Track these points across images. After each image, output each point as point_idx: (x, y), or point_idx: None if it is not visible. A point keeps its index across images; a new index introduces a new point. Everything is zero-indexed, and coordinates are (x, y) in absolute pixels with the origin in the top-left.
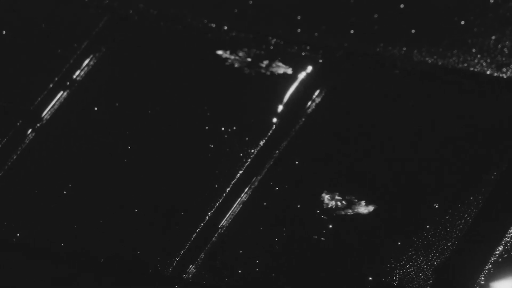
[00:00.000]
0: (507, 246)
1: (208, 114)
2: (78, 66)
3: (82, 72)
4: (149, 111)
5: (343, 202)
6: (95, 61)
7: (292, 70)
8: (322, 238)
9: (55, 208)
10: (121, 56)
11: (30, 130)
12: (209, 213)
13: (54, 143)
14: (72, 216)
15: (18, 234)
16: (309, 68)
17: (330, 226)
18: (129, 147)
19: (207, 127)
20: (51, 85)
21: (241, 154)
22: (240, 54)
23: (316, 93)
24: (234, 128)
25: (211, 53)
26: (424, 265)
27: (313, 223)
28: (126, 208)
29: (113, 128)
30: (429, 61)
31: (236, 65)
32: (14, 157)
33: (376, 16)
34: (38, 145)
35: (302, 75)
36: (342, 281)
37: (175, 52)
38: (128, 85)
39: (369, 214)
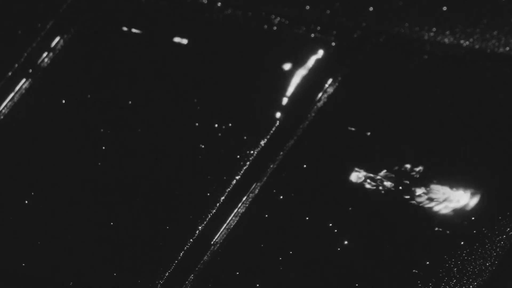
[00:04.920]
0: None
1: (199, 108)
2: (42, 50)
3: (47, 58)
4: (128, 105)
5: (361, 213)
6: (62, 44)
7: (300, 55)
8: (336, 257)
9: (13, 222)
10: (94, 38)
11: None
12: (200, 227)
13: (14, 143)
14: (34, 232)
15: None
16: (320, 53)
17: (345, 242)
18: (104, 147)
19: (197, 124)
20: (10, 73)
21: (238, 156)
22: (237, 35)
23: (329, 82)
24: (230, 125)
25: (201, 34)
26: None
27: (325, 238)
28: (99, 221)
29: (85, 124)
30: (464, 44)
31: (232, 49)
32: None
33: None
34: None
35: (311, 61)
36: None
37: (159, 33)
38: (102, 72)
39: (391, 227)
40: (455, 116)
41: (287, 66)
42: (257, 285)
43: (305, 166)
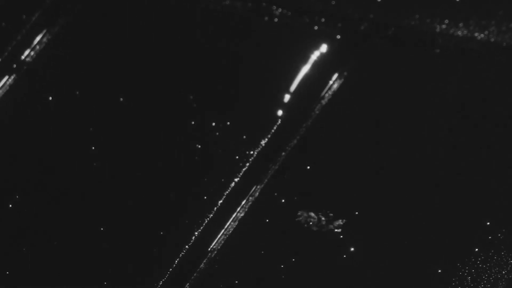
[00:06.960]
0: None
1: (195, 105)
2: (27, 44)
3: (33, 52)
4: (119, 101)
5: (368, 217)
6: (49, 37)
7: (303, 48)
8: (342, 265)
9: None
10: (82, 31)
11: None
12: (196, 233)
13: None
14: (24, 236)
15: None
16: (324, 47)
17: (352, 249)
18: (93, 148)
19: (193, 122)
20: None
21: (237, 157)
22: (236, 27)
23: (333, 78)
24: (228, 123)
25: (198, 26)
26: None
27: (330, 244)
28: (89, 228)
29: (72, 123)
30: (478, 37)
31: (230, 42)
32: None
33: None
34: None
35: (315, 56)
36: None
37: (151, 25)
38: (91, 68)
39: (402, 232)
40: (468, 114)
41: (289, 61)
42: None
43: (308, 167)
